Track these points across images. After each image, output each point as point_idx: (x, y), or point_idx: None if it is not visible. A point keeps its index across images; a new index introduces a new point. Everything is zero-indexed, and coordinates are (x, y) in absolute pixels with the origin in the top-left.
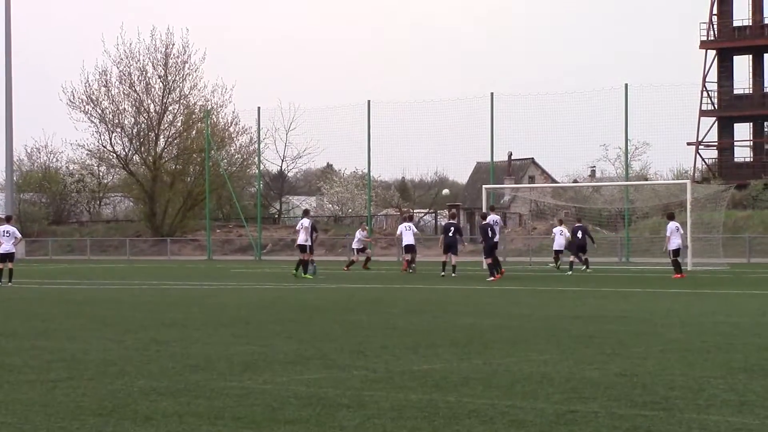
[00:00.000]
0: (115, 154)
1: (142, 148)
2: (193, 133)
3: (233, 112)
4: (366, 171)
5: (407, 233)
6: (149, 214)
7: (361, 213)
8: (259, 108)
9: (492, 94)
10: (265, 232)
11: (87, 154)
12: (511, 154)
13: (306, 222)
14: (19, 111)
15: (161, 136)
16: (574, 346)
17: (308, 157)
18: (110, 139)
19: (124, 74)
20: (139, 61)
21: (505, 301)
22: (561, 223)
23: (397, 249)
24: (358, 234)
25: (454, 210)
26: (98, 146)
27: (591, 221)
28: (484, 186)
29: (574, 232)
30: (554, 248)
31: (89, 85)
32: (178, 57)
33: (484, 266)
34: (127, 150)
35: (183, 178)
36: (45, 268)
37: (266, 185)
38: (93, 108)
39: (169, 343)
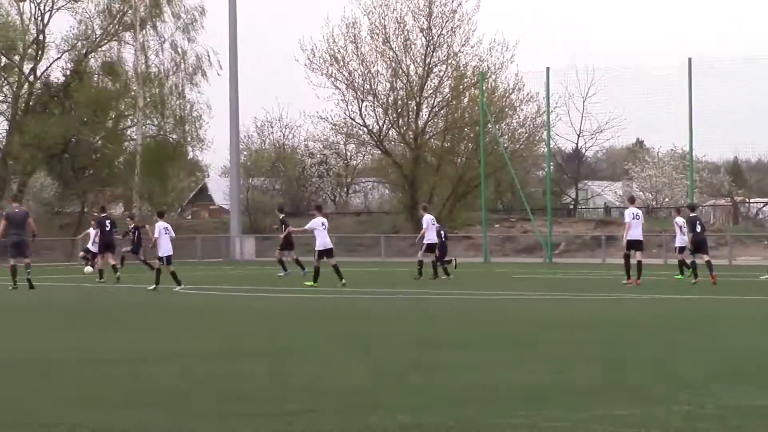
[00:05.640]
0: (366, 129)
1: (401, 121)
2: (465, 101)
3: (516, 75)
4: (687, 149)
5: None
6: (409, 205)
7: (680, 203)
8: (548, 69)
9: None
10: (557, 227)
11: (331, 129)
12: None
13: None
14: (247, 75)
15: (424, 106)
16: None
17: (611, 131)
18: (360, 110)
19: (378, 27)
20: (395, 9)
21: None
22: None
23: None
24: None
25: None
26: (345, 119)
27: None
28: None
29: None
30: None
31: (334, 41)
32: (445, 5)
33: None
34: (381, 123)
35: (452, 159)
36: (274, 271)
37: (558, 167)
38: (338, 70)
39: (434, 368)
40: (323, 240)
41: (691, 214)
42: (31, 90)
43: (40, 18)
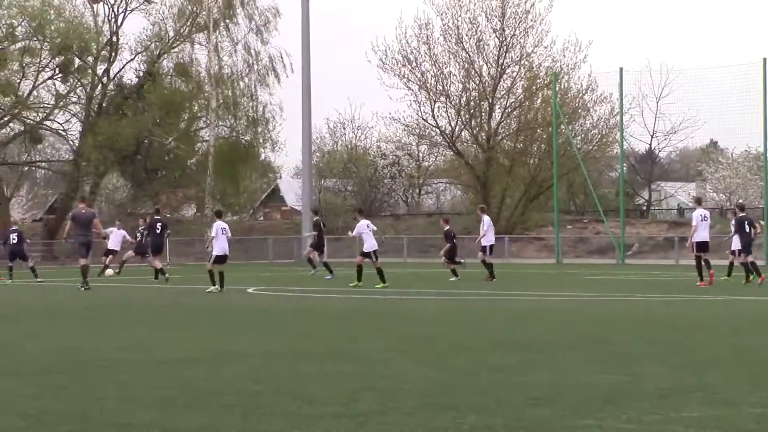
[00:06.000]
0: (438, 130)
1: (473, 122)
2: (538, 102)
3: (589, 76)
4: (761, 150)
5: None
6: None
7: (754, 204)
8: (621, 69)
9: None
10: (630, 228)
11: (403, 130)
12: None
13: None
14: (320, 76)
15: (497, 107)
16: None
17: (685, 132)
18: (432, 111)
19: (450, 28)
20: (469, 10)
21: None
22: None
23: None
24: None
25: None
26: (417, 120)
27: None
28: None
29: None
30: None
31: (407, 41)
32: (518, 5)
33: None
34: (453, 124)
35: (524, 160)
36: (344, 273)
37: (631, 168)
38: (411, 71)
39: (504, 369)
40: (371, 242)
41: (740, 214)
42: (105, 91)
43: (113, 20)
